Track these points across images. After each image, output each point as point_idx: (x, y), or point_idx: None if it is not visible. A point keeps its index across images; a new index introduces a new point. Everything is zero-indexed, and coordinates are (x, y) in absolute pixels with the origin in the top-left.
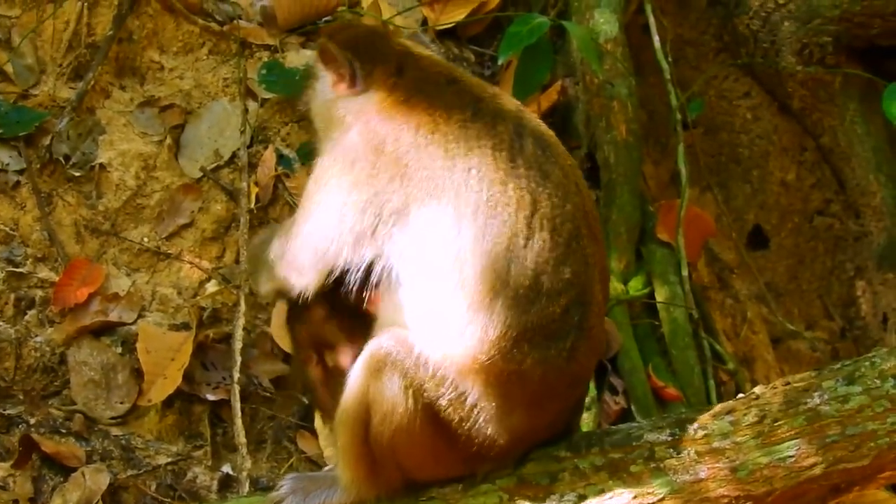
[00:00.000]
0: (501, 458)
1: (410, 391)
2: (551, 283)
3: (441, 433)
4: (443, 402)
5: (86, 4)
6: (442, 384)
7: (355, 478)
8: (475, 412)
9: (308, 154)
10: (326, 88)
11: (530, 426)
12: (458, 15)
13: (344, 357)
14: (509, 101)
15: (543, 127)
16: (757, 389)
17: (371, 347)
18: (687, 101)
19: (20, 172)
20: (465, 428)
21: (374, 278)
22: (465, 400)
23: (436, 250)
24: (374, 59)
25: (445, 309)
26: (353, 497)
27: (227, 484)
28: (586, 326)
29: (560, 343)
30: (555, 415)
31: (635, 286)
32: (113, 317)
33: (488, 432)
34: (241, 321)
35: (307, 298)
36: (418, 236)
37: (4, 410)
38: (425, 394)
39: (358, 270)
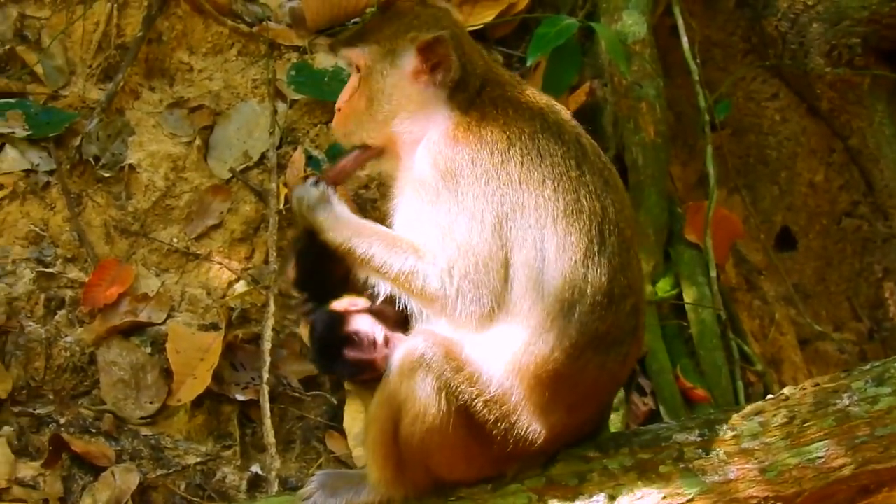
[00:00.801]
0: (533, 458)
1: (444, 393)
2: (620, 290)
3: (474, 435)
4: (480, 403)
5: (115, 6)
6: (485, 387)
7: (383, 477)
8: (516, 414)
9: (337, 155)
10: (406, 73)
11: (568, 426)
12: (486, 16)
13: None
14: (564, 111)
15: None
16: (786, 390)
17: (405, 348)
18: (715, 103)
19: (50, 173)
20: (501, 429)
21: None
22: (508, 403)
23: (520, 262)
24: (465, 70)
25: (520, 317)
26: (380, 495)
27: (256, 484)
28: (638, 333)
29: (618, 348)
30: (592, 414)
31: (663, 287)
32: (142, 317)
33: (525, 433)
34: (271, 322)
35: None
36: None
37: (35, 410)
38: (461, 396)
39: None
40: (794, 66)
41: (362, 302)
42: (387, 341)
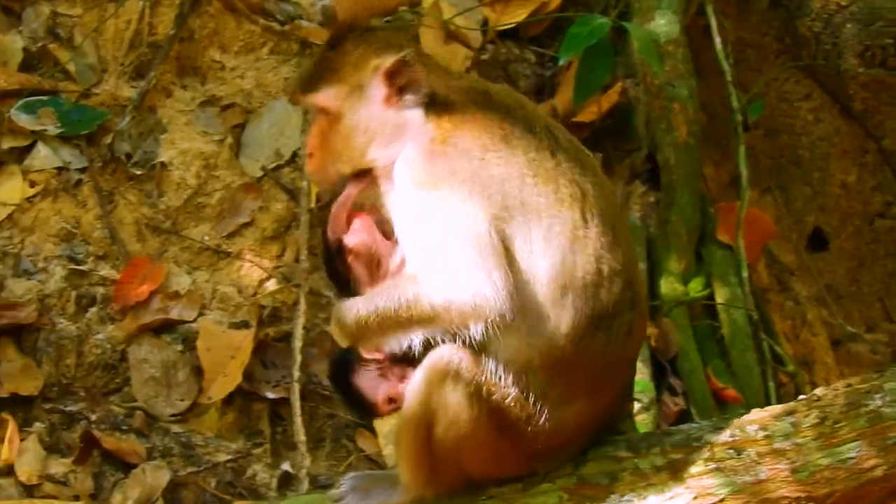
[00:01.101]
0: (563, 451)
1: (475, 398)
2: (610, 267)
3: (507, 435)
4: (510, 403)
5: (147, 4)
6: (508, 385)
7: (416, 480)
8: (540, 406)
9: None
10: (377, 102)
11: (591, 411)
12: (519, 15)
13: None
14: (530, 103)
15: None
16: (818, 391)
17: (432, 358)
18: (748, 103)
19: (82, 171)
20: (532, 424)
21: None
22: (531, 397)
23: (512, 257)
24: (432, 82)
25: (518, 313)
26: (412, 497)
27: (286, 482)
28: (637, 301)
29: (618, 323)
30: (611, 397)
31: (695, 287)
32: (173, 315)
33: (552, 426)
34: (301, 320)
35: None
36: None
37: (66, 407)
38: (492, 398)
39: None
40: (827, 66)
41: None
42: (390, 400)
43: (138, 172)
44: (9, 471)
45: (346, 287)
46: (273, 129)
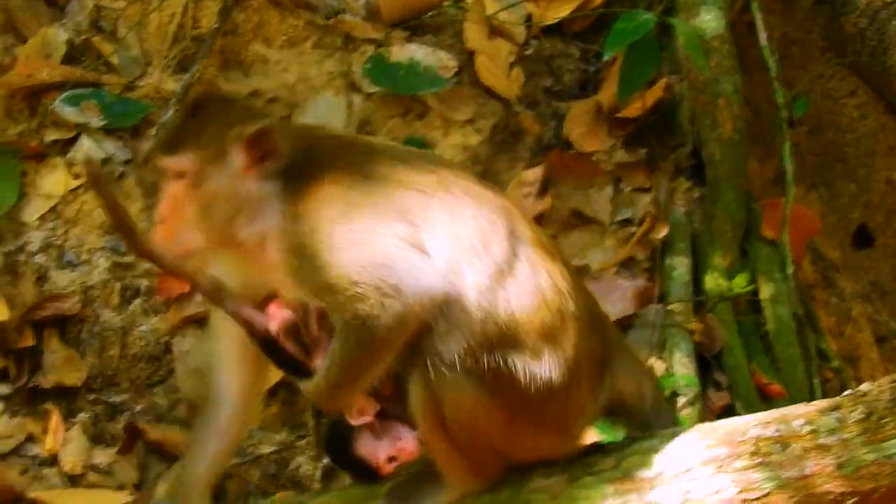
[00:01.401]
0: (576, 417)
1: (468, 377)
2: (488, 221)
3: (509, 402)
4: (493, 367)
5: None
6: (482, 353)
7: (457, 473)
8: (516, 367)
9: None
10: (236, 171)
11: (569, 365)
12: (563, 11)
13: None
14: (385, 140)
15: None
16: (863, 387)
17: (418, 358)
18: (793, 100)
19: (125, 163)
20: (523, 387)
21: None
22: (502, 360)
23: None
24: (291, 151)
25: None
26: (458, 493)
27: (330, 474)
28: (523, 236)
29: (519, 266)
30: (579, 346)
31: (740, 283)
32: None
33: (541, 386)
34: None
35: None
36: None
37: (110, 398)
38: (477, 369)
39: None
40: (872, 63)
41: (371, 411)
42: (391, 458)
43: None
44: (53, 461)
45: (301, 368)
46: (317, 122)
